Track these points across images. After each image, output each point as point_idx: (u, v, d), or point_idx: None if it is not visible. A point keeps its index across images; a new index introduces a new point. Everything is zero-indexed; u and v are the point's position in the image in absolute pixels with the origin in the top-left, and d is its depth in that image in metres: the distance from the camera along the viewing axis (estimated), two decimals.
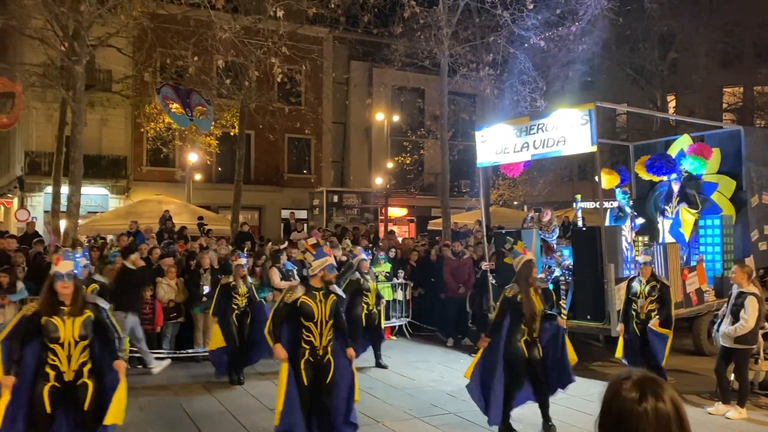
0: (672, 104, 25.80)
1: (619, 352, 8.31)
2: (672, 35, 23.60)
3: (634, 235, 10.30)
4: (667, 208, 11.04)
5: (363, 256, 9.80)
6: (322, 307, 5.36)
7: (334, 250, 12.13)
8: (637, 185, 12.26)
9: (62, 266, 4.72)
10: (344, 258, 11.67)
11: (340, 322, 5.65)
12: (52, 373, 4.60)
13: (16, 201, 25.59)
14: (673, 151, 11.57)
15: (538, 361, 6.36)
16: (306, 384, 5.34)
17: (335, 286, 5.68)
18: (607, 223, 10.09)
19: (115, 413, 4.72)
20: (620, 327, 8.24)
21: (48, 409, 4.55)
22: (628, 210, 10.45)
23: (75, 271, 4.78)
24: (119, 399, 4.76)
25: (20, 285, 9.34)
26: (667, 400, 1.63)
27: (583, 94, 22.01)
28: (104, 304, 4.94)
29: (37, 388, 4.57)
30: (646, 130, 22.49)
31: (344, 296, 5.76)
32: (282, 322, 5.41)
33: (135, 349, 9.17)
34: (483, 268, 10.86)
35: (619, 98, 22.83)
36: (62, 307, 4.66)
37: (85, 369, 4.71)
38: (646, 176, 11.35)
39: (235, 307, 8.75)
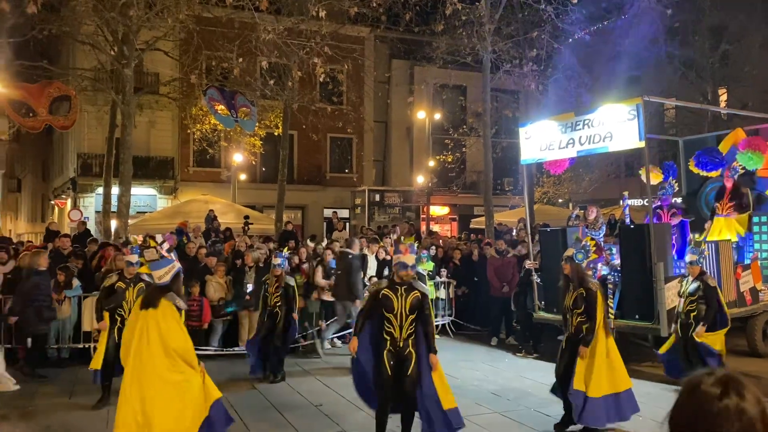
0: (724, 98, 24.98)
1: (663, 348, 8.16)
2: (724, 26, 22.85)
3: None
4: (717, 205, 10.71)
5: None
6: (402, 301, 5.57)
7: (372, 245, 12.26)
8: (687, 181, 11.94)
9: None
10: (388, 257, 11.71)
11: (426, 323, 5.67)
12: None
13: (69, 202, 26.48)
14: (725, 146, 11.22)
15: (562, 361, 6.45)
16: (390, 374, 5.55)
17: (420, 282, 5.86)
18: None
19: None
20: (673, 327, 8.06)
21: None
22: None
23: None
24: None
25: (76, 282, 9.67)
26: (751, 399, 1.55)
27: (630, 89, 21.50)
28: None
29: None
30: (696, 125, 21.82)
31: (428, 293, 5.98)
32: (368, 313, 5.70)
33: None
34: (526, 266, 10.73)
35: (668, 92, 22.20)
36: None
37: None
38: (701, 172, 11.05)
39: (268, 304, 8.75)
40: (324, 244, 13.44)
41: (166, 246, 5.06)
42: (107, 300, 7.35)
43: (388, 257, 10.91)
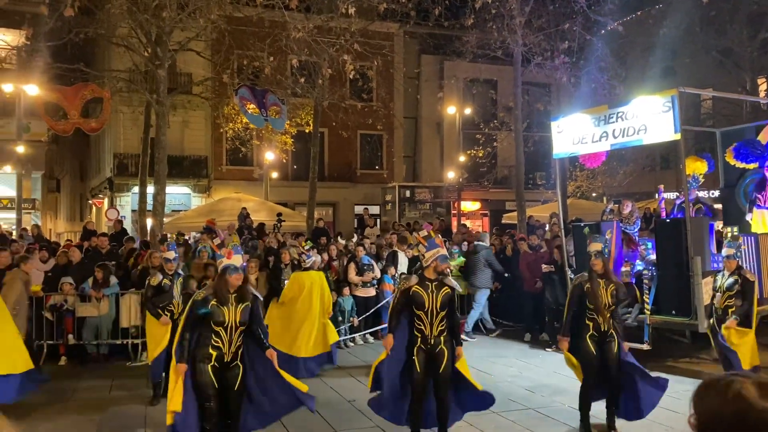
0: (763, 87, 24.34)
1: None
2: (762, 14, 22.21)
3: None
4: (759, 197, 10.43)
5: None
6: (433, 298, 5.52)
7: (400, 244, 12.25)
8: (725, 173, 11.66)
9: (235, 260, 5.22)
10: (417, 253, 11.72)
11: (452, 317, 5.73)
12: (214, 354, 5.04)
13: (106, 201, 27.04)
14: (764, 137, 10.91)
15: (608, 360, 6.06)
16: (419, 371, 5.52)
17: (450, 278, 5.80)
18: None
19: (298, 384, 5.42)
20: (707, 323, 7.88)
21: (216, 384, 5.02)
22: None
23: (244, 264, 5.33)
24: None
25: (113, 280, 9.89)
26: None
27: (665, 80, 21.10)
28: (259, 296, 5.41)
29: (199, 368, 5.01)
30: (734, 116, 21.28)
31: (459, 288, 5.97)
32: (400, 309, 5.66)
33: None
34: (544, 270, 10.71)
35: (704, 83, 21.72)
36: (229, 295, 5.12)
37: (240, 352, 5.17)
38: (737, 164, 10.77)
39: None
40: (354, 240, 13.49)
41: (216, 241, 5.31)
42: (159, 298, 7.38)
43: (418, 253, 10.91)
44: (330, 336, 8.82)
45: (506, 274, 12.25)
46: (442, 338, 5.57)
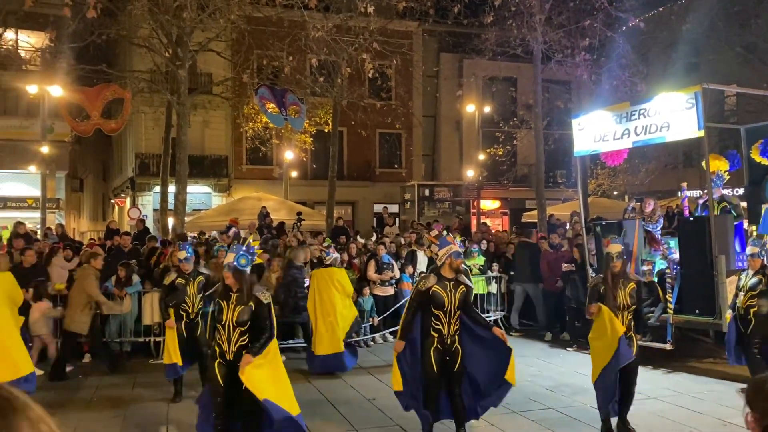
0: None
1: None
2: None
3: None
4: None
5: None
6: (452, 297, 5.52)
7: (417, 243, 12.24)
8: (750, 171, 11.46)
9: (226, 258, 5.32)
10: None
11: (473, 313, 5.78)
12: (217, 350, 5.18)
13: (128, 200, 27.36)
14: None
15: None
16: (435, 371, 5.51)
17: (463, 276, 5.77)
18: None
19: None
20: (728, 314, 7.75)
21: (221, 380, 5.12)
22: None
23: (234, 263, 5.22)
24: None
25: (136, 278, 10.01)
26: None
27: (688, 77, 20.80)
28: (266, 300, 5.32)
29: (210, 363, 5.30)
30: (759, 112, 20.91)
31: (472, 285, 5.92)
32: (416, 309, 5.64)
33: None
34: (564, 269, 10.62)
35: (728, 79, 21.35)
36: (230, 294, 5.19)
37: (244, 352, 5.16)
38: (763, 161, 10.59)
39: None
40: (374, 239, 13.50)
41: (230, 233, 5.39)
42: (169, 297, 7.37)
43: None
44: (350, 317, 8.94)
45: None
46: (456, 337, 5.59)
